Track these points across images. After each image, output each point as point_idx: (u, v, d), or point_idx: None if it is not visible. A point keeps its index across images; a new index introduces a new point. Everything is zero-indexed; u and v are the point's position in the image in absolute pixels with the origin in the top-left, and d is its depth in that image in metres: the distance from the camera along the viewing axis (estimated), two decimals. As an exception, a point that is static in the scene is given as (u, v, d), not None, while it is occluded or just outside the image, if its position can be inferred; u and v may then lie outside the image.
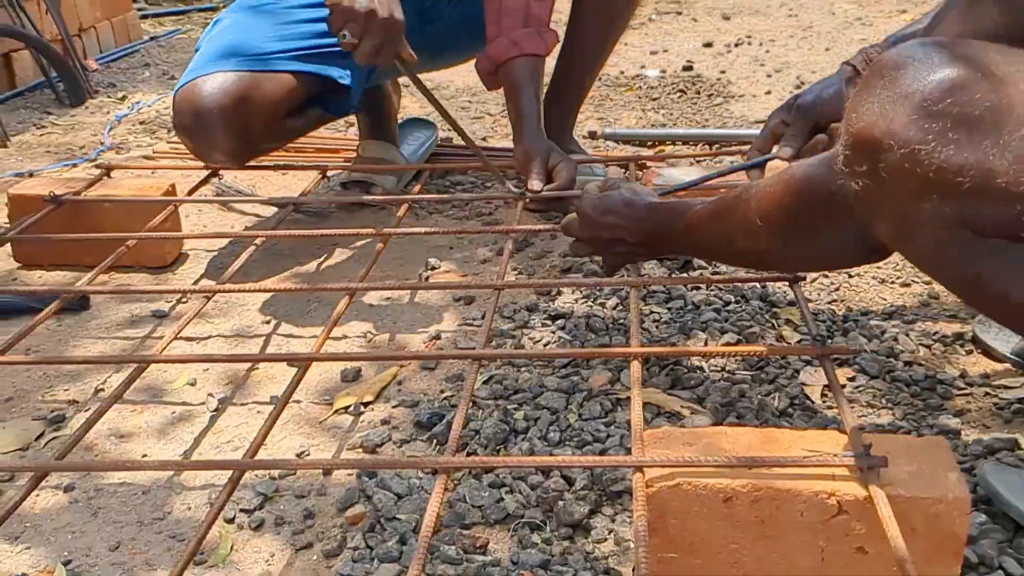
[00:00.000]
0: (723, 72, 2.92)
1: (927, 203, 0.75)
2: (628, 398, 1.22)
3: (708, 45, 3.26)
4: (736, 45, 3.26)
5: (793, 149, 1.30)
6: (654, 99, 2.67)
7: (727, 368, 1.30)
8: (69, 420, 1.25)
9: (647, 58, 3.13)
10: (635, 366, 1.02)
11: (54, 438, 1.22)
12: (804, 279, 1.26)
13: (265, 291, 1.46)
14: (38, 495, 1.10)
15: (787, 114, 1.33)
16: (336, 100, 1.72)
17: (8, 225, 1.63)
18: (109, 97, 2.85)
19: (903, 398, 1.22)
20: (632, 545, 0.98)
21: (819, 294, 1.49)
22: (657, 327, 1.41)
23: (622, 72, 2.93)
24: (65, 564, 0.99)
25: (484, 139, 2.37)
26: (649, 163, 1.87)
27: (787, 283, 1.30)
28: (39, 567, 0.99)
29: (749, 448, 0.88)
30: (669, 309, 1.46)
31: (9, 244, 1.64)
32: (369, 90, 1.93)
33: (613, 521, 1.03)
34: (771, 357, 1.30)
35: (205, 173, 1.83)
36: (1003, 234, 0.72)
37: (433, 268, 1.66)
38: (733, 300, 1.47)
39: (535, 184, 1.57)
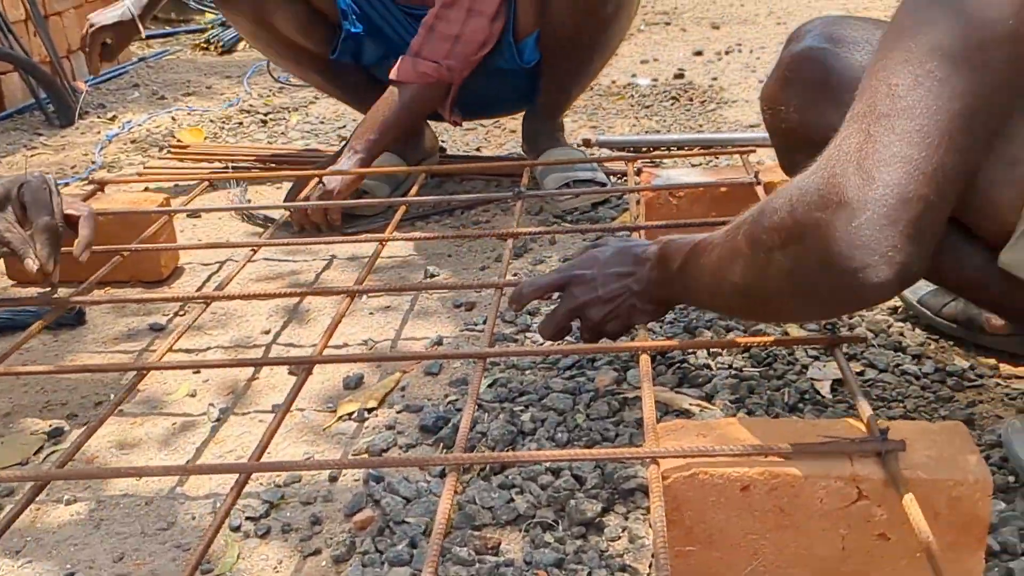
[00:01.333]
0: (715, 79, 2.92)
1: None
2: (635, 397, 1.21)
3: (698, 54, 3.27)
4: (726, 53, 3.26)
5: None
6: (647, 107, 2.67)
7: (735, 365, 1.28)
8: (68, 433, 1.23)
9: (638, 67, 3.13)
10: (644, 359, 1.00)
11: (53, 452, 1.20)
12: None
13: (263, 297, 1.44)
14: (39, 508, 1.08)
15: None
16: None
17: None
18: (99, 117, 2.83)
19: (913, 391, 1.21)
20: (647, 542, 0.97)
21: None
22: (661, 327, 1.40)
23: (613, 81, 2.93)
24: (68, 576, 0.97)
25: (478, 149, 2.37)
26: (645, 167, 1.86)
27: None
28: (41, 581, 0.97)
29: (764, 437, 0.86)
30: (673, 309, 1.44)
31: (1, 261, 1.62)
32: None
33: (626, 519, 1.01)
34: (779, 353, 1.29)
35: (200, 186, 1.81)
36: None
37: (432, 276, 1.65)
38: (736, 298, 1.46)
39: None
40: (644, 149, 2.25)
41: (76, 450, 0.96)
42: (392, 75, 1.75)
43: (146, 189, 2.03)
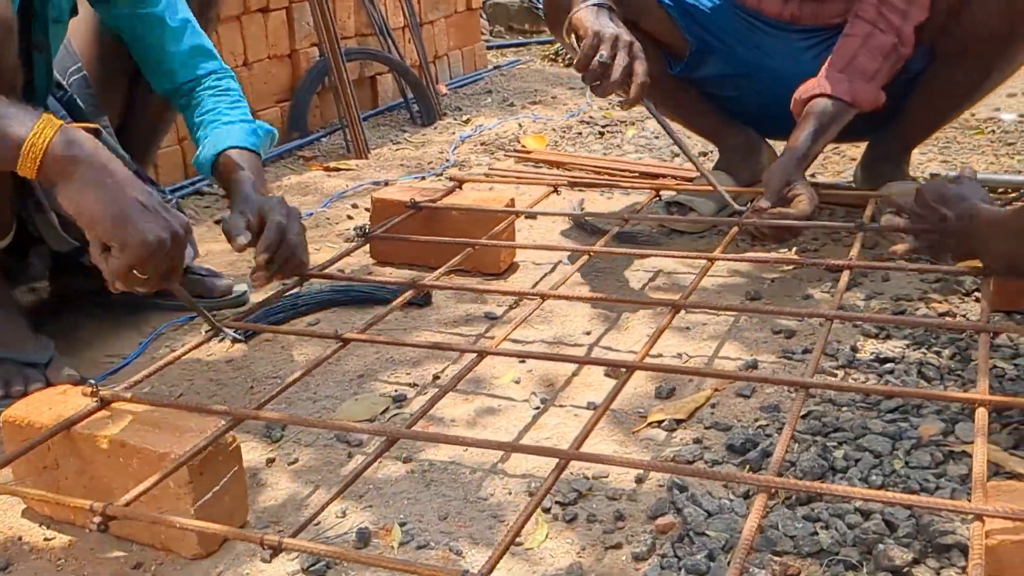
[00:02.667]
0: (1096, 117, 2.63)
1: None
2: (963, 452, 1.15)
3: (1077, 89, 2.96)
4: (1113, 89, 2.93)
5: None
6: (1010, 144, 2.46)
7: (1083, 435, 1.17)
8: (410, 400, 1.39)
9: (1003, 100, 2.89)
10: (980, 413, 0.95)
11: (396, 414, 1.35)
12: None
13: (592, 300, 1.53)
14: (381, 462, 1.23)
15: None
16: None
17: (370, 225, 1.83)
18: (455, 119, 3.10)
19: None
20: (959, 604, 0.92)
21: None
22: (1000, 383, 1.30)
23: (972, 114, 2.73)
24: (401, 525, 1.10)
25: (812, 175, 2.31)
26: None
27: None
28: (379, 524, 1.10)
29: (1115, 517, 0.79)
30: (1016, 366, 1.35)
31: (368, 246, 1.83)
32: None
33: (938, 574, 0.96)
34: None
35: (541, 190, 1.94)
36: None
37: (753, 299, 1.65)
38: (1095, 362, 1.33)
39: (763, 203, 1.55)
40: (1002, 190, 2.08)
41: (422, 415, 1.09)
42: (845, 96, 1.64)
43: (491, 189, 2.21)
